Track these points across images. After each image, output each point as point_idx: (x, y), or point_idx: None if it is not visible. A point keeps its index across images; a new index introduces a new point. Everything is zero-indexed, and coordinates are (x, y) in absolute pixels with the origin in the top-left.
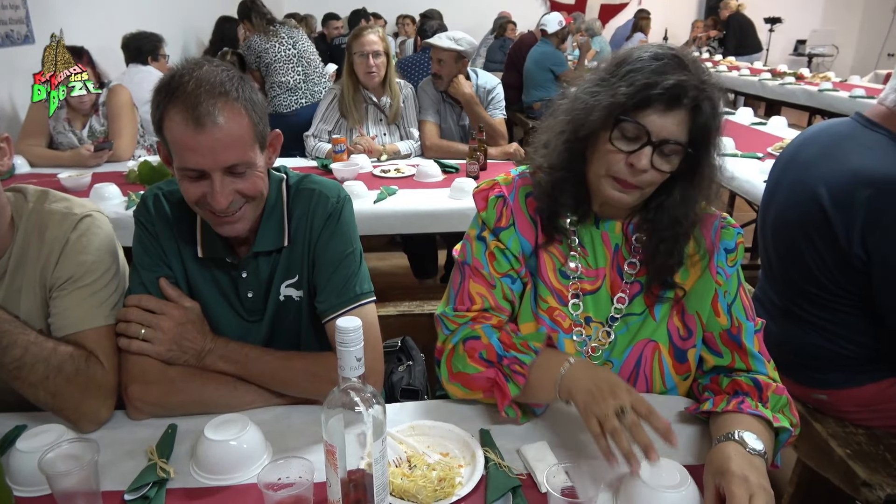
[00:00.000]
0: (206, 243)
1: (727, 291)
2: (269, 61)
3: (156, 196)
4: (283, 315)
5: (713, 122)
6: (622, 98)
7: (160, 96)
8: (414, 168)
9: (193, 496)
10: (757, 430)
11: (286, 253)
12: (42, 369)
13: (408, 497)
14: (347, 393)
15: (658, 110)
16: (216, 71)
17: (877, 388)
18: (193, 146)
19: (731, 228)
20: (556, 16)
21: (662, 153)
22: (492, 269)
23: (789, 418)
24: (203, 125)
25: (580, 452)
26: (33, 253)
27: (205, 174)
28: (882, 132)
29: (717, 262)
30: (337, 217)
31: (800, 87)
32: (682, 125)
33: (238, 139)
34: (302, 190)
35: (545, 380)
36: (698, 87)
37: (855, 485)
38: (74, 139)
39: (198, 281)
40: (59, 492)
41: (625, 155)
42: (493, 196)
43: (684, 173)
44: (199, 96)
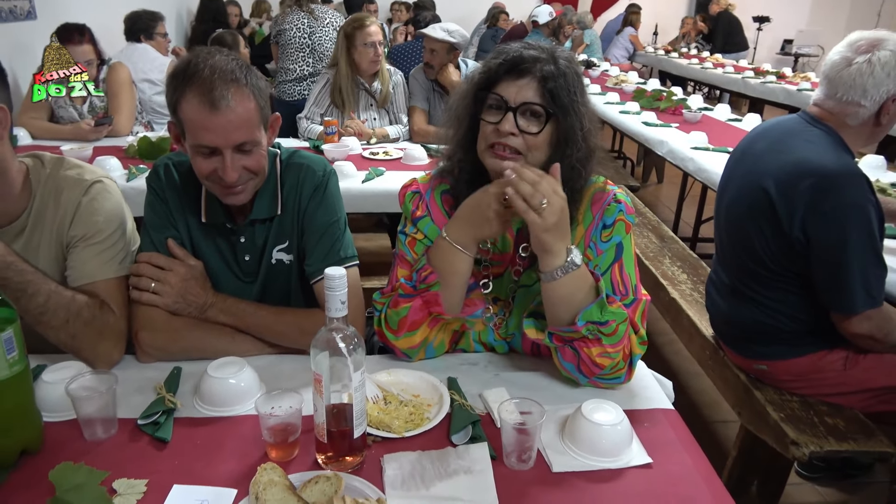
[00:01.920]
0: (208, 210)
1: (597, 265)
2: (283, 43)
3: (166, 165)
4: (274, 277)
5: (564, 87)
6: (478, 78)
7: (177, 80)
8: (401, 151)
9: (197, 424)
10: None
11: (278, 220)
12: (63, 314)
13: (382, 427)
14: (332, 331)
15: (508, 80)
16: (227, 60)
17: (810, 360)
18: (208, 126)
19: (613, 205)
20: (547, 7)
21: (524, 116)
22: (413, 254)
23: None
24: (217, 107)
25: (533, 396)
26: (50, 214)
27: (216, 151)
28: (822, 128)
29: (592, 236)
30: (323, 188)
31: (780, 86)
32: (534, 90)
33: (247, 120)
34: (292, 164)
35: (442, 252)
36: (540, 58)
37: (785, 444)
38: (75, 113)
39: (200, 244)
40: (82, 416)
41: (494, 125)
42: (410, 192)
43: (555, 143)
44: (213, 82)
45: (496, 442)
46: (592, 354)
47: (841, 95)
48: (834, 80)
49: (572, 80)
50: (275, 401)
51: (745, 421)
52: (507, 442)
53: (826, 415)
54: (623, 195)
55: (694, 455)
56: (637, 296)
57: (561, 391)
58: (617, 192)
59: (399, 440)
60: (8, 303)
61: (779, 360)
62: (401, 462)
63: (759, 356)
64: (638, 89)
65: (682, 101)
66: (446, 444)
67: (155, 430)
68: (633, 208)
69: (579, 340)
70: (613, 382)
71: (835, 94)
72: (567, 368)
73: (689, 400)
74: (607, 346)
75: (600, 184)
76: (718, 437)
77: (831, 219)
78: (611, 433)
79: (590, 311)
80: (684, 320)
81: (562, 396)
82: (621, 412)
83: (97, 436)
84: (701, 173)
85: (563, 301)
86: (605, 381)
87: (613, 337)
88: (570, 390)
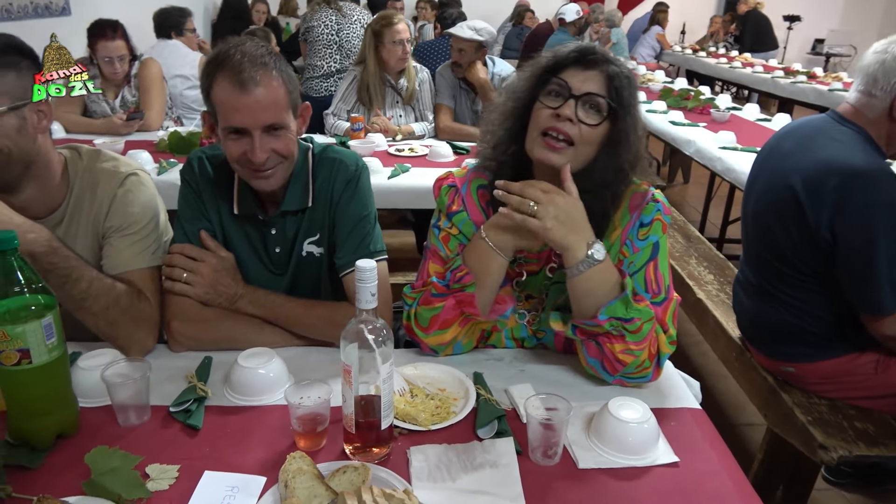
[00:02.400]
0: (240, 201)
1: (632, 262)
2: (311, 39)
3: (200, 158)
4: (304, 269)
5: (627, 89)
6: (543, 62)
7: (210, 67)
8: (427, 148)
9: (226, 412)
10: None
11: (309, 213)
12: (103, 301)
13: (409, 419)
14: (362, 323)
15: (576, 69)
16: (257, 46)
17: (839, 363)
18: (237, 106)
19: (652, 204)
20: (575, 6)
21: (586, 106)
22: (447, 250)
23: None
24: (246, 88)
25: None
26: (87, 205)
27: (246, 133)
28: (851, 127)
29: (629, 234)
30: (355, 183)
31: (810, 86)
32: (600, 84)
33: (275, 102)
34: (325, 158)
35: (479, 252)
36: (608, 58)
37: (813, 447)
38: (107, 108)
39: (232, 235)
40: (116, 401)
41: (552, 110)
42: (446, 185)
43: (607, 142)
44: (243, 65)
45: (521, 437)
46: (615, 350)
47: (862, 86)
48: (858, 70)
49: (634, 86)
50: (304, 391)
51: (772, 423)
52: (533, 437)
53: (855, 419)
54: (661, 195)
55: (721, 454)
56: (668, 295)
57: (587, 388)
58: (655, 192)
59: (425, 433)
60: (48, 290)
61: (807, 363)
62: (427, 454)
63: (787, 358)
64: (665, 88)
65: (710, 101)
66: (472, 438)
67: (186, 418)
68: (670, 209)
69: (603, 335)
70: (639, 381)
71: (858, 86)
72: (592, 365)
73: (714, 402)
74: (630, 343)
75: (638, 184)
76: (744, 440)
77: (859, 218)
78: (637, 431)
79: (613, 307)
80: (710, 321)
81: (588, 393)
82: (648, 410)
83: (130, 422)
84: (729, 173)
85: (586, 295)
86: (630, 379)
87: (638, 335)
88: (596, 387)
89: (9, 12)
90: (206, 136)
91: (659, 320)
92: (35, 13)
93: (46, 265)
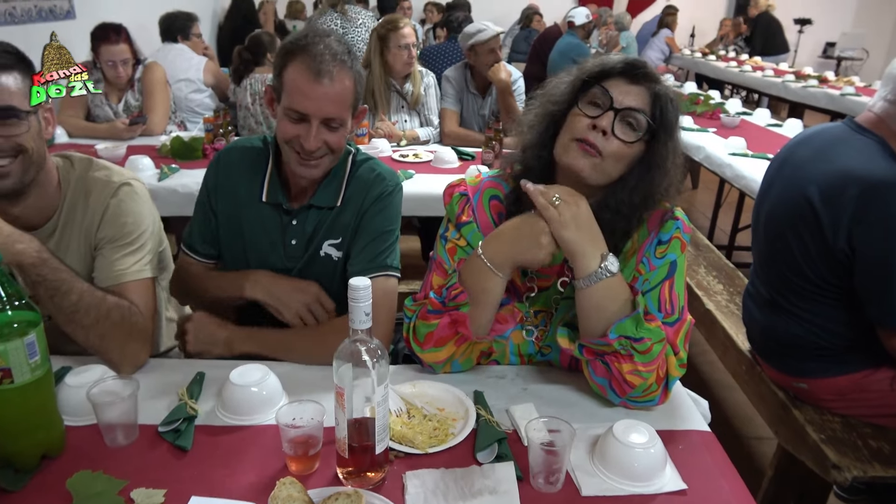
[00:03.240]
0: (270, 190)
1: (647, 280)
2: None
3: (231, 150)
4: (318, 268)
5: (672, 112)
6: (588, 67)
7: (290, 47)
8: (431, 154)
9: (218, 433)
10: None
11: (335, 214)
12: (94, 314)
13: (405, 442)
14: (356, 343)
15: (620, 81)
16: (339, 43)
17: (852, 379)
18: (307, 92)
19: (671, 222)
20: (584, 9)
21: (625, 121)
22: (452, 263)
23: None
24: (322, 78)
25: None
26: (79, 215)
27: (305, 119)
28: (871, 137)
29: (647, 251)
30: (388, 198)
31: (822, 91)
32: (644, 100)
33: (342, 98)
34: (366, 166)
35: (475, 270)
36: (655, 77)
37: (826, 467)
38: (110, 112)
39: (250, 220)
40: (103, 421)
41: (590, 119)
42: (458, 193)
43: (642, 162)
44: (324, 55)
45: (523, 461)
46: (623, 371)
47: (891, 95)
48: (886, 78)
49: (678, 110)
50: (296, 411)
51: (783, 440)
52: (535, 462)
53: (870, 437)
54: (681, 212)
55: (731, 481)
56: (682, 316)
57: (591, 408)
58: (675, 209)
59: (422, 456)
60: (33, 306)
61: (820, 378)
62: (423, 479)
63: (799, 373)
64: None
65: (720, 105)
66: (471, 462)
67: (175, 438)
68: (691, 227)
69: (611, 355)
70: (646, 404)
71: (887, 94)
72: (599, 384)
73: (722, 414)
74: (639, 363)
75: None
76: (753, 454)
77: (878, 229)
78: (643, 456)
79: (624, 325)
80: (719, 332)
81: (592, 414)
82: (655, 434)
83: (118, 442)
84: (739, 180)
85: (596, 310)
86: (636, 402)
87: (647, 356)
88: (601, 408)
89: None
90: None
91: (670, 342)
92: (39, 17)
93: (35, 277)
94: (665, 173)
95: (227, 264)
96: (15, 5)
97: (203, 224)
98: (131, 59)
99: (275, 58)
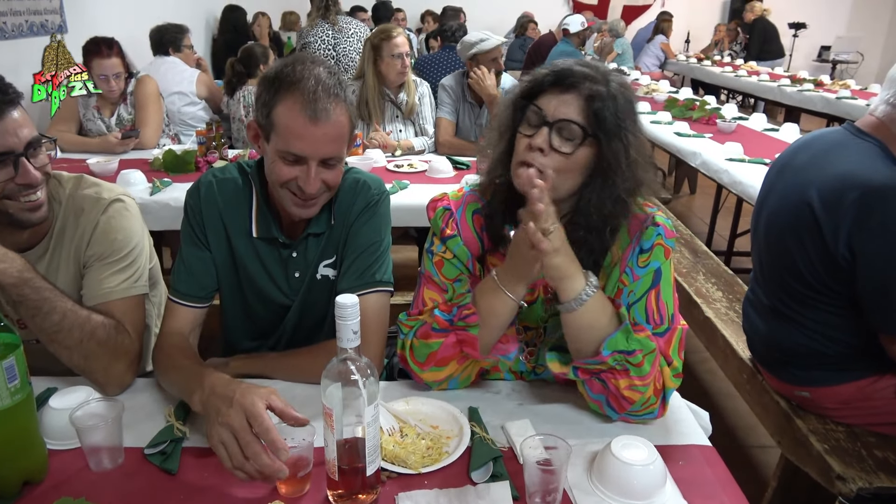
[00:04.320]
0: (260, 224)
1: (632, 291)
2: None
3: (209, 182)
4: (317, 293)
5: (611, 111)
6: (522, 87)
7: (276, 83)
8: (426, 164)
9: (205, 454)
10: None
11: (328, 235)
12: (77, 334)
13: (398, 462)
14: (345, 362)
15: (552, 93)
16: (329, 74)
17: (856, 387)
18: (304, 135)
19: (652, 228)
20: (580, 17)
21: (560, 133)
22: (441, 276)
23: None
24: (318, 119)
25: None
26: (69, 233)
27: (301, 160)
28: (871, 141)
29: (629, 261)
30: (374, 207)
31: (818, 94)
32: (577, 108)
33: (340, 136)
34: (348, 178)
35: (489, 292)
36: (590, 76)
37: (830, 478)
38: (103, 126)
39: (246, 259)
40: (87, 445)
41: (528, 139)
42: (441, 208)
43: (596, 170)
44: (318, 93)
45: (519, 480)
46: (620, 387)
47: (888, 97)
48: (888, 81)
49: (622, 106)
50: (286, 433)
51: (786, 451)
52: (531, 482)
53: (875, 447)
54: (663, 217)
55: (732, 496)
56: (672, 325)
57: (589, 423)
58: (656, 215)
59: (415, 476)
60: (11, 328)
61: (823, 387)
62: (417, 501)
63: (802, 382)
64: (670, 98)
65: (716, 111)
66: (465, 482)
67: (162, 461)
68: (674, 232)
69: (607, 372)
70: (646, 418)
71: (891, 98)
72: (596, 400)
73: (724, 423)
74: (635, 378)
75: (640, 204)
76: (756, 463)
77: (879, 234)
78: (642, 474)
79: (615, 339)
80: (719, 341)
81: (590, 429)
82: (654, 450)
83: (103, 465)
84: (736, 186)
85: (588, 329)
86: (636, 416)
87: (640, 369)
88: (599, 423)
89: (3, 31)
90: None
91: (662, 352)
92: (31, 31)
93: (16, 297)
94: (622, 174)
95: (225, 300)
96: (6, 20)
97: (196, 258)
98: (123, 72)
99: (259, 89)
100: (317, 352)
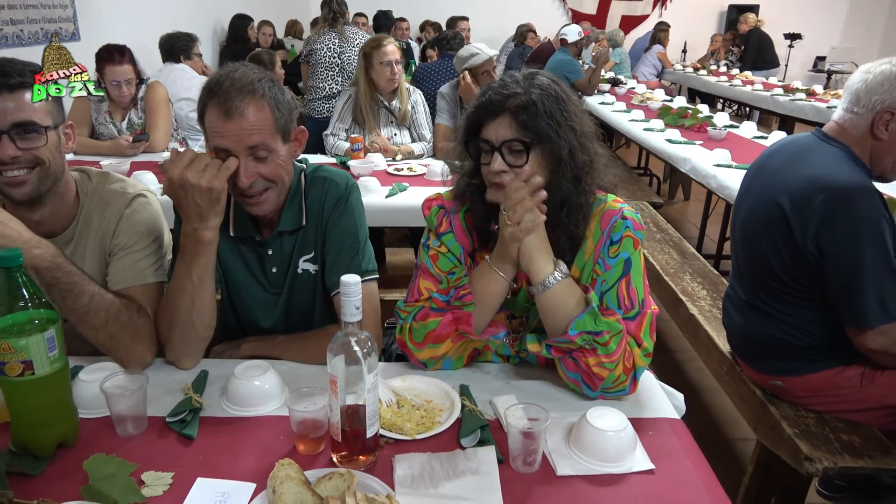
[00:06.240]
0: (237, 223)
1: (605, 280)
2: (314, 62)
3: None
4: (300, 287)
5: (538, 115)
6: (464, 126)
7: (204, 95)
8: (425, 168)
9: (222, 423)
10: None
11: (303, 232)
12: (104, 315)
13: (395, 429)
14: (347, 336)
15: (489, 122)
16: (248, 73)
17: (826, 376)
18: (222, 131)
19: (620, 222)
20: (577, 27)
21: (510, 152)
22: (437, 269)
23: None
24: (230, 115)
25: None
26: (95, 224)
27: (231, 155)
28: (836, 145)
29: (601, 252)
30: (345, 201)
31: (809, 104)
32: (509, 126)
33: (259, 127)
34: (316, 178)
35: (482, 273)
36: (511, 94)
37: (799, 459)
38: (114, 130)
39: (227, 258)
40: (115, 412)
41: (487, 167)
42: (436, 206)
43: (549, 166)
44: (230, 92)
45: (504, 447)
46: (590, 364)
47: (846, 104)
48: (845, 89)
49: (548, 105)
50: (306, 397)
51: (761, 436)
52: (514, 446)
53: (842, 431)
54: (631, 212)
55: (697, 463)
56: (643, 309)
57: (569, 400)
58: (625, 210)
59: (410, 442)
60: (51, 305)
61: (794, 376)
62: (411, 462)
63: (775, 371)
64: (663, 106)
65: (708, 119)
66: (455, 447)
67: (182, 428)
68: (643, 225)
69: (577, 351)
70: (618, 394)
71: (844, 104)
72: (573, 380)
73: (708, 417)
74: (602, 356)
75: (610, 202)
76: (739, 455)
77: (845, 232)
78: (614, 439)
79: (583, 321)
80: (702, 336)
81: (570, 405)
82: (625, 419)
83: (128, 432)
84: (723, 190)
85: (557, 309)
86: (609, 393)
87: (607, 348)
88: (578, 400)
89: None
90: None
91: (632, 334)
92: (45, 39)
93: (50, 280)
94: (565, 164)
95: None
96: (22, 28)
97: None
98: (134, 78)
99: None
100: (323, 335)
